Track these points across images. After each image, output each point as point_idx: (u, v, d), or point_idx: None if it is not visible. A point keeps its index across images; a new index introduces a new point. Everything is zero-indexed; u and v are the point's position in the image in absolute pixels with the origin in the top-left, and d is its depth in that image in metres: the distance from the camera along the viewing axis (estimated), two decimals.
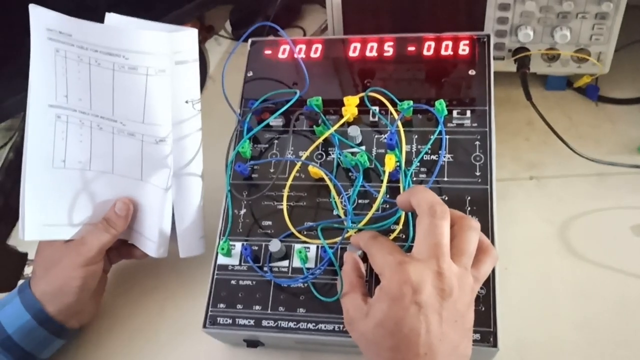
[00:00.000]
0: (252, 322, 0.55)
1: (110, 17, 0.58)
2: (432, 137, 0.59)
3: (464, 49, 0.63)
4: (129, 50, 0.54)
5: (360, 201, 0.58)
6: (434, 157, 0.58)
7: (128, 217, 0.60)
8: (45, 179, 0.59)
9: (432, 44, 0.64)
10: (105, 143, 0.59)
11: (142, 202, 0.61)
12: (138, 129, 0.57)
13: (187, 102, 0.58)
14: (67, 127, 0.59)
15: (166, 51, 0.55)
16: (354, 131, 0.59)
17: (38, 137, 0.59)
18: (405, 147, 0.58)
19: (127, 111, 0.57)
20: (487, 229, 0.54)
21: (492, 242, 0.54)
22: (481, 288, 0.52)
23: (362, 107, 0.61)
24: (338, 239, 0.55)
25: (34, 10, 0.56)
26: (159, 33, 0.55)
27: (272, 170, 0.61)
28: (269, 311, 0.55)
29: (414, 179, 0.58)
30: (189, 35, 0.56)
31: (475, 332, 0.50)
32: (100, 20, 0.58)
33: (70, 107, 0.59)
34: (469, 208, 0.56)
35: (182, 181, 0.60)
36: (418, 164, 0.58)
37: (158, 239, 0.60)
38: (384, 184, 0.56)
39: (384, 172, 0.56)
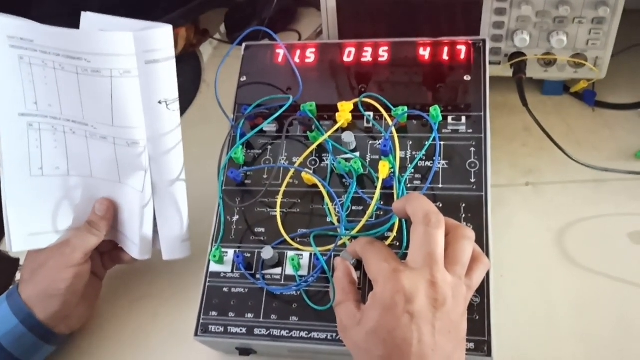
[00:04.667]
0: (244, 330, 0.55)
1: (86, 17, 0.57)
2: (426, 143, 0.58)
3: (459, 54, 0.63)
4: (90, 53, 0.53)
5: (354, 208, 0.57)
6: (428, 163, 0.58)
7: (109, 217, 0.60)
8: (25, 189, 0.59)
9: (428, 49, 0.64)
10: (81, 147, 0.59)
11: (123, 204, 0.60)
12: (109, 132, 0.57)
13: (160, 102, 0.56)
14: (40, 134, 0.59)
15: (132, 51, 0.53)
16: (348, 137, 0.59)
17: (12, 147, 0.58)
18: (399, 154, 0.58)
19: (96, 114, 0.56)
20: (482, 236, 0.54)
21: (487, 249, 0.53)
22: (475, 296, 0.51)
23: (357, 113, 0.61)
24: (331, 247, 0.55)
25: None
26: (123, 33, 0.53)
27: (265, 177, 0.61)
28: (261, 319, 0.55)
29: (408, 185, 0.57)
30: (162, 33, 0.54)
31: (469, 341, 0.49)
32: None
33: (41, 114, 0.58)
34: (463, 215, 0.55)
35: (162, 183, 0.59)
36: (412, 170, 0.57)
37: (140, 241, 0.60)
38: (378, 191, 0.55)
39: (378, 178, 0.56)
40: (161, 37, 0.54)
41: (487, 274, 0.52)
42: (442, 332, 0.43)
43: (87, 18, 0.57)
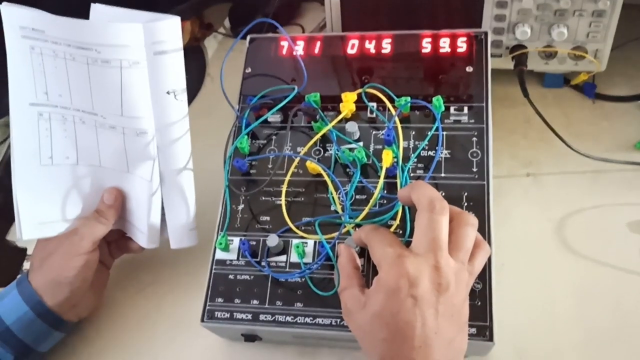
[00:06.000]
0: (249, 316, 0.56)
1: (95, 8, 0.57)
2: (429, 133, 0.59)
3: (461, 46, 0.64)
4: (100, 44, 0.54)
5: (357, 197, 0.58)
6: (431, 153, 0.59)
7: (117, 206, 0.61)
8: (35, 178, 0.60)
9: (430, 41, 0.64)
10: (90, 137, 0.59)
11: (131, 193, 0.61)
12: (118, 122, 0.57)
13: (168, 92, 0.57)
14: (50, 124, 0.59)
15: (141, 42, 0.54)
16: (352, 127, 0.60)
17: (23, 137, 0.59)
18: (402, 143, 0.59)
19: (105, 104, 0.57)
20: (483, 225, 0.55)
21: (489, 238, 0.54)
22: (477, 283, 0.52)
23: (360, 104, 0.62)
24: (335, 234, 0.55)
25: (6, 9, 0.56)
26: (132, 25, 0.54)
27: (270, 166, 0.62)
28: (266, 305, 0.56)
29: (411, 174, 0.58)
30: (170, 24, 0.55)
31: (471, 326, 0.51)
32: None
33: (51, 104, 0.58)
34: (465, 204, 0.56)
35: (170, 172, 0.60)
36: (415, 159, 0.58)
37: (147, 230, 0.61)
38: (381, 180, 0.56)
39: (381, 167, 0.56)
40: (169, 28, 0.55)
41: (489, 261, 0.53)
42: (445, 316, 0.44)
43: (96, 10, 0.58)
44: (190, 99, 0.85)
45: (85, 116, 0.58)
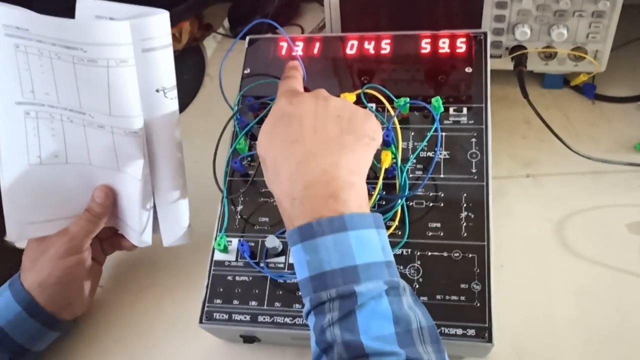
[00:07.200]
0: (248, 317, 0.55)
1: (81, 2, 0.55)
2: (428, 134, 0.59)
3: (460, 46, 0.63)
4: (86, 43, 0.52)
5: None
6: (430, 153, 0.59)
7: (108, 204, 0.60)
8: (24, 178, 0.59)
9: (429, 41, 0.64)
10: (79, 135, 0.58)
11: (122, 191, 0.60)
12: (106, 121, 0.56)
13: (157, 90, 0.55)
14: (37, 122, 0.58)
15: (128, 40, 0.53)
16: None
17: (10, 137, 0.58)
18: (401, 144, 0.59)
19: (93, 104, 0.56)
20: (483, 225, 0.55)
21: (488, 238, 0.54)
22: (476, 284, 0.52)
23: (359, 104, 0.61)
24: None
25: None
26: (119, 23, 0.52)
27: None
28: (265, 307, 0.55)
29: (410, 175, 0.58)
30: (159, 20, 0.53)
31: (470, 327, 0.51)
32: None
33: (38, 102, 0.57)
34: (465, 205, 0.56)
35: (161, 170, 0.59)
36: (414, 160, 0.58)
37: (139, 228, 0.60)
38: (380, 180, 0.56)
39: (380, 168, 0.56)
40: (158, 24, 0.53)
41: (488, 263, 0.53)
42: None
43: (83, 3, 0.56)
44: (190, 99, 0.86)
45: (72, 115, 0.57)
